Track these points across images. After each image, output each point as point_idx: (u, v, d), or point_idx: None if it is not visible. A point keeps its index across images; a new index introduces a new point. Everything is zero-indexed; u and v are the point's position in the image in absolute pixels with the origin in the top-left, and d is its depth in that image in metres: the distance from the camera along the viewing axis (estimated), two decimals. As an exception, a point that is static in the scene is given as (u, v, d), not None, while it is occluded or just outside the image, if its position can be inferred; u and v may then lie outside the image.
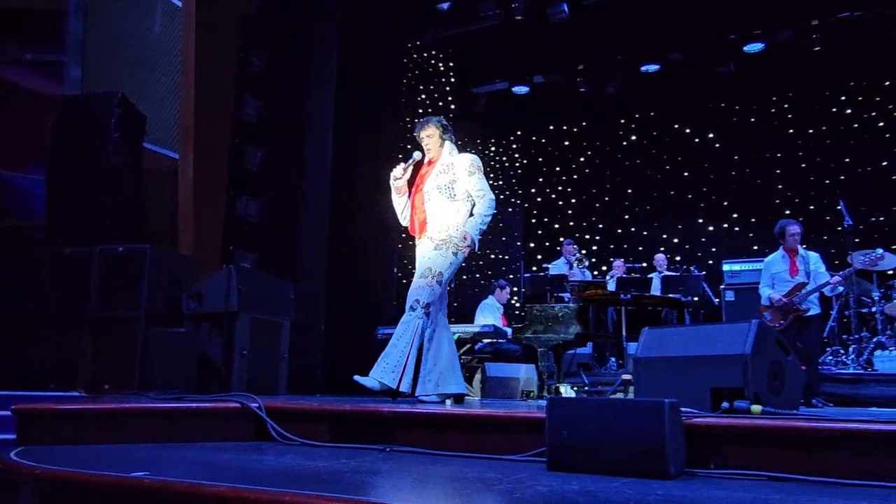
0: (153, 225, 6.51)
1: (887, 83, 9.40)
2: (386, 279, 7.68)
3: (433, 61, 9.26)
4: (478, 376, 6.62)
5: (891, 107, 9.39)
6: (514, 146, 11.13)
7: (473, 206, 4.16)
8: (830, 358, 7.02)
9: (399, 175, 4.23)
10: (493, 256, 10.38)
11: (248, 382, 4.54)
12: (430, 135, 4.19)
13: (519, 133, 11.16)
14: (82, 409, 3.14)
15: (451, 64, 9.58)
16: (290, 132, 6.79)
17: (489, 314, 7.51)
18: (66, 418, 2.98)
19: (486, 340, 6.80)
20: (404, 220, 4.35)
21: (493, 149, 10.76)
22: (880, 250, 6.28)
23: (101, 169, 5.49)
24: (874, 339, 6.78)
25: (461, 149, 4.39)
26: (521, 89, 9.81)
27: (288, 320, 5.40)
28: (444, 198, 4.08)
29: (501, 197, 10.71)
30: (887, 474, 2.23)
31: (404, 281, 8.21)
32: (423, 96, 8.95)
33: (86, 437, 2.93)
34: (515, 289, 10.20)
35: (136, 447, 2.88)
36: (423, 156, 4.25)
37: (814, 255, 6.22)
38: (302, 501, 1.62)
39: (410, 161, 4.24)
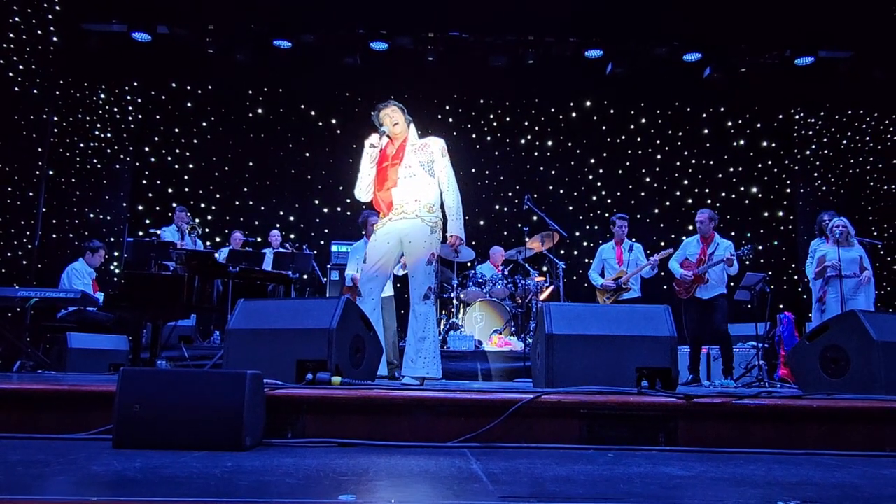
0: None
1: (481, 101, 10.91)
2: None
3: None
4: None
5: (482, 122, 10.93)
6: (129, 97, 10.05)
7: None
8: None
9: (376, 143, 4.20)
10: (91, 216, 9.27)
11: None
12: (393, 113, 4.19)
13: (136, 84, 10.12)
14: None
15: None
16: None
17: (77, 279, 6.71)
18: None
19: (70, 308, 6.08)
20: (368, 193, 4.30)
21: (102, 96, 9.60)
22: None
23: None
24: (450, 321, 7.80)
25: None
26: (142, 36, 8.92)
27: None
28: (428, 175, 4.12)
29: (108, 151, 9.66)
30: (438, 436, 2.56)
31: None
32: (17, 18, 7.55)
33: None
34: (116, 253, 9.31)
35: None
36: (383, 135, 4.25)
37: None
38: None
39: (384, 133, 4.20)
